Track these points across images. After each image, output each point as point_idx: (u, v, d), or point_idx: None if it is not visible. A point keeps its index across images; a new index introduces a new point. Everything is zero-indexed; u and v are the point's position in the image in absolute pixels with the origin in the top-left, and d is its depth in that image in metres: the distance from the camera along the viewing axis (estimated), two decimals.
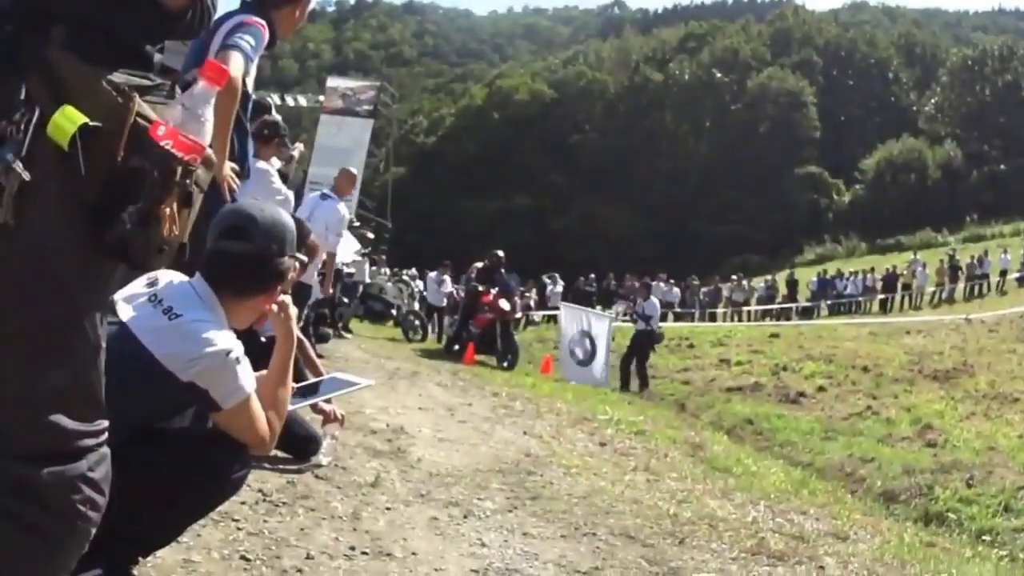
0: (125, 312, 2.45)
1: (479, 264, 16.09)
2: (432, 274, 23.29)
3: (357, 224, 21.65)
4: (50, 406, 1.71)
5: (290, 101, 42.20)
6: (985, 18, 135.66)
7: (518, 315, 16.84)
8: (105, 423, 1.84)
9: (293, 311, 2.88)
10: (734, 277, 40.53)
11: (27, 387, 1.68)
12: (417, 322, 19.09)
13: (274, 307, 2.80)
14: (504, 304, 14.55)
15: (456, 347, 15.05)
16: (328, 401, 4.52)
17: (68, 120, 1.59)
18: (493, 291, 14.81)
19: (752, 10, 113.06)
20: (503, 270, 15.62)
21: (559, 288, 34.97)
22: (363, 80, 45.78)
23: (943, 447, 10.72)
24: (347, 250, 10.30)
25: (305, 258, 3.71)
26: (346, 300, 16.97)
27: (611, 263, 47.87)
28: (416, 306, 22.13)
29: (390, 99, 43.09)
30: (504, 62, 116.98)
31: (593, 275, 38.18)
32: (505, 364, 14.14)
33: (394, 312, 20.77)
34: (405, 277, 25.33)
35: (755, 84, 73.04)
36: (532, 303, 30.23)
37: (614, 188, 70.90)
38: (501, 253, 15.82)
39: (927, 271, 36.14)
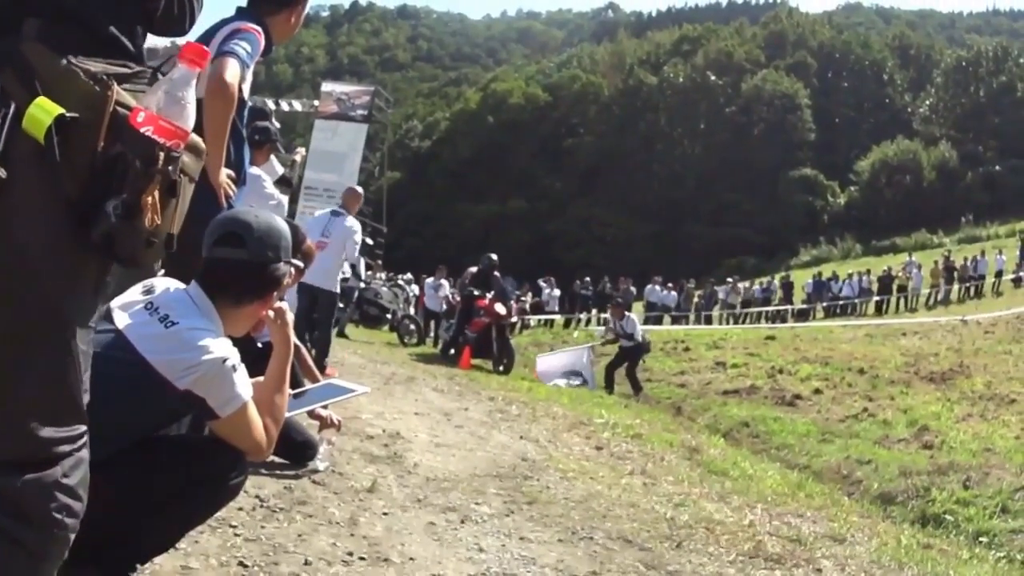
0: (121, 320, 2.45)
1: (473, 269, 16.04)
2: (429, 280, 23.27)
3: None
4: (28, 414, 1.67)
5: (285, 106, 42.19)
6: (979, 19, 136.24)
7: (514, 319, 16.72)
8: (82, 428, 1.78)
9: (290, 317, 2.88)
10: (729, 280, 40.57)
11: (5, 394, 1.64)
12: (412, 327, 19.10)
13: (271, 313, 2.80)
14: (500, 308, 14.46)
15: (452, 352, 15.02)
16: (324, 407, 4.52)
17: (43, 112, 1.54)
18: (489, 295, 14.82)
19: (746, 13, 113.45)
20: (498, 273, 15.60)
21: (556, 292, 34.96)
22: (358, 85, 45.81)
23: (940, 449, 10.70)
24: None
25: (301, 264, 3.72)
26: (341, 305, 16.98)
27: (607, 265, 48.04)
28: (412, 311, 22.12)
29: (385, 103, 43.15)
30: (498, 66, 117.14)
31: (588, 279, 38.18)
32: (501, 368, 14.08)
33: (389, 317, 20.78)
34: (400, 282, 25.34)
35: (749, 87, 73.19)
36: (527, 307, 30.21)
37: (609, 191, 71.00)
38: (495, 256, 15.73)
39: (922, 272, 36.15)
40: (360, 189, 11.03)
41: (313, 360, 5.35)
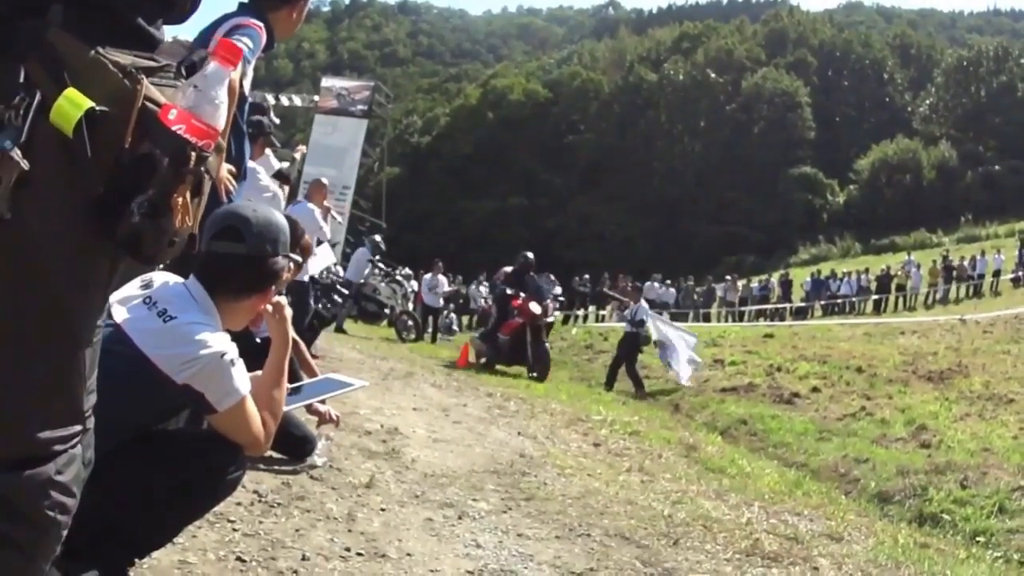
0: (120, 314, 2.45)
1: (507, 268, 15.31)
2: (427, 276, 23.23)
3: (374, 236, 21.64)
4: (27, 413, 1.62)
5: (285, 101, 42.18)
6: (980, 19, 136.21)
7: (550, 319, 15.40)
8: (78, 427, 1.73)
9: (288, 312, 2.88)
10: (728, 277, 40.59)
11: (4, 392, 1.59)
12: (410, 322, 19.11)
13: (269, 308, 2.80)
14: (535, 307, 13.63)
15: (482, 360, 14.01)
16: (323, 402, 4.52)
17: (73, 104, 1.48)
18: (522, 295, 13.96)
19: (747, 10, 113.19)
20: (534, 273, 14.75)
21: (557, 290, 34.94)
22: (358, 80, 45.79)
23: (937, 448, 10.68)
24: (321, 262, 10.34)
25: (299, 258, 3.72)
26: (340, 300, 16.96)
27: (606, 262, 48.01)
28: (410, 306, 22.10)
29: (385, 99, 43.10)
30: (499, 62, 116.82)
31: (587, 276, 38.18)
32: (535, 375, 13.12)
33: (387, 313, 20.76)
34: (399, 277, 25.31)
35: (750, 84, 73.09)
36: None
37: (609, 188, 70.97)
38: (531, 255, 14.97)
39: (921, 272, 36.16)
40: (325, 181, 10.59)
41: None
